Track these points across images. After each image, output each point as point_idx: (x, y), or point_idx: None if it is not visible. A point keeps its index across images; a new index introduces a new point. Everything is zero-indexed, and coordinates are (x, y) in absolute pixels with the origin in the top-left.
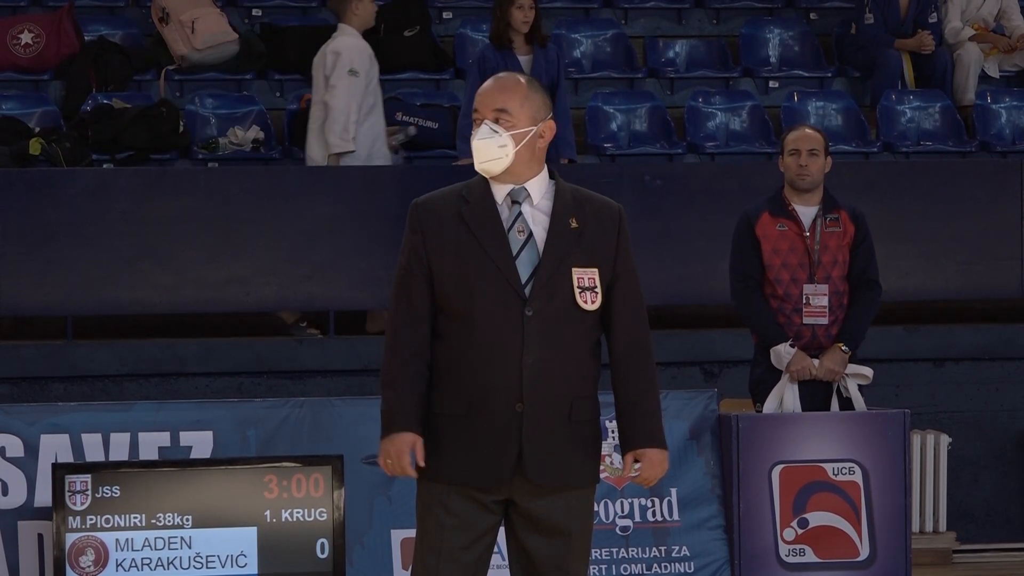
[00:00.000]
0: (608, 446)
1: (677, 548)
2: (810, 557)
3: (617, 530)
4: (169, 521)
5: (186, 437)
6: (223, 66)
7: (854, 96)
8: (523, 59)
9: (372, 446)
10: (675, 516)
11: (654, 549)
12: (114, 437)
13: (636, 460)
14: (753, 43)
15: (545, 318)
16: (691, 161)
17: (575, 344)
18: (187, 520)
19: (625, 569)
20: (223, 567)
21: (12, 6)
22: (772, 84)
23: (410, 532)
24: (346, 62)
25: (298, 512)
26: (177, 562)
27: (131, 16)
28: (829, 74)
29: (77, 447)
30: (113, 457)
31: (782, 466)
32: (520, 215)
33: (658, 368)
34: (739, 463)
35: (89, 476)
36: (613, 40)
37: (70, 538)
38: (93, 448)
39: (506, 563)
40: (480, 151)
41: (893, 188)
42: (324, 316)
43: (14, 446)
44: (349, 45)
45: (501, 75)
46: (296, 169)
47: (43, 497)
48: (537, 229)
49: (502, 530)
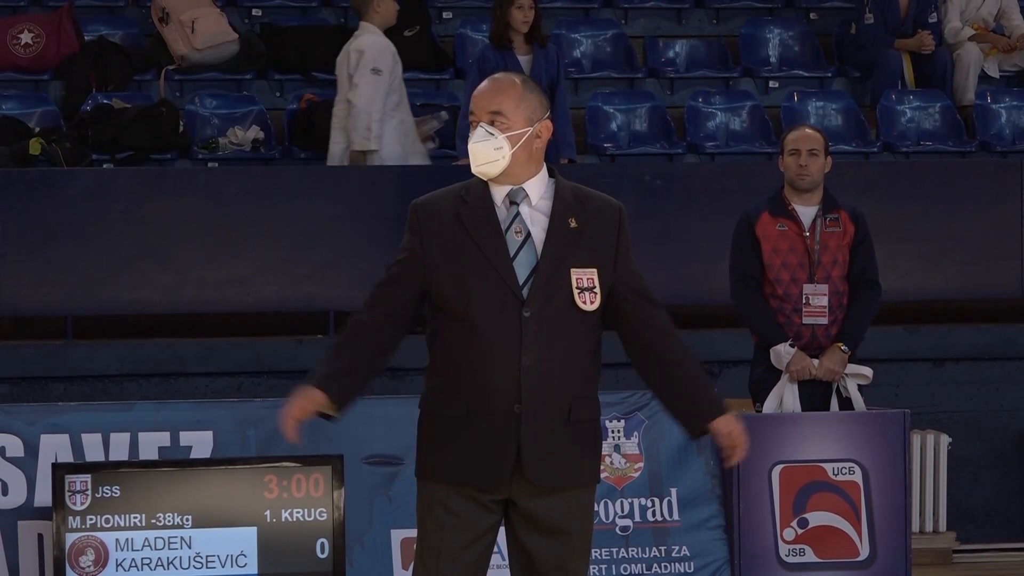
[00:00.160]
0: (608, 446)
1: (677, 548)
2: (810, 557)
3: (617, 530)
4: (169, 521)
5: (186, 437)
6: (223, 66)
7: (854, 96)
8: (523, 59)
9: (372, 446)
10: (675, 516)
11: (654, 549)
12: (114, 437)
13: (708, 432)
14: (753, 43)
15: (543, 319)
16: (691, 161)
17: (574, 345)
18: (187, 520)
19: (625, 569)
20: (223, 567)
21: (12, 6)
22: (772, 84)
23: (410, 532)
24: (369, 60)
25: (298, 512)
26: (177, 562)
27: (131, 16)
28: (829, 74)
29: (77, 447)
30: (113, 457)
31: (782, 466)
32: (518, 215)
33: None
34: (739, 463)
35: (89, 476)
36: (613, 40)
37: (70, 538)
38: (93, 448)
39: (506, 563)
40: (476, 154)
41: (893, 188)
42: (324, 316)
43: (14, 446)
44: (372, 43)
45: (496, 76)
46: (296, 169)
47: (43, 497)
48: (536, 229)
49: (502, 530)
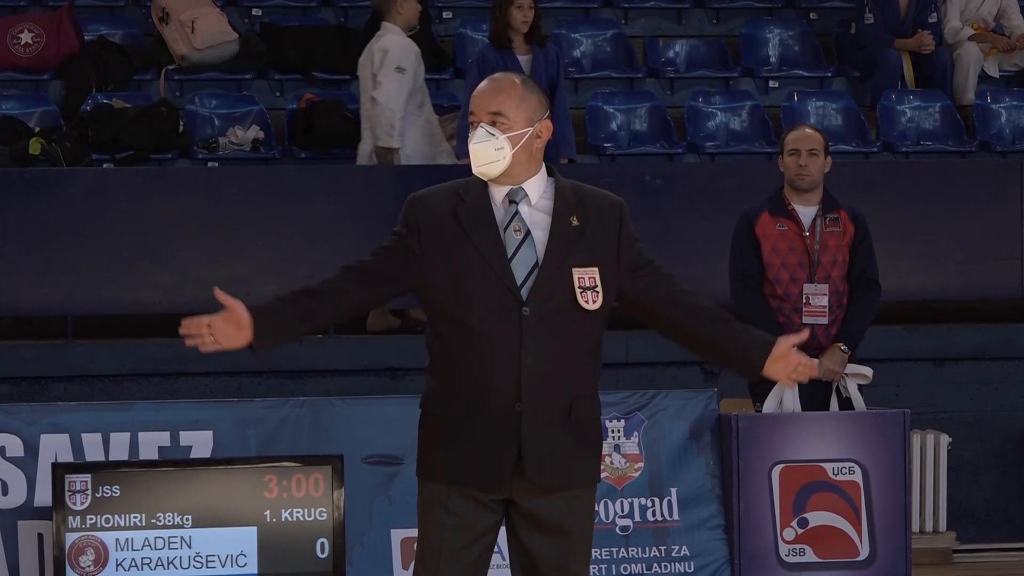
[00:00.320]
0: (608, 446)
1: (677, 548)
2: (810, 557)
3: (617, 530)
4: (169, 521)
5: (186, 437)
6: (223, 66)
7: (854, 96)
8: (523, 59)
9: (372, 446)
10: (675, 516)
11: (654, 549)
12: (114, 437)
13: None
14: (753, 43)
15: (543, 318)
16: (691, 161)
17: (575, 344)
18: (187, 520)
19: (625, 569)
20: (223, 567)
21: (12, 6)
22: (772, 84)
23: (410, 532)
24: (394, 59)
25: (298, 512)
26: (177, 562)
27: (131, 16)
28: (829, 74)
29: (77, 447)
30: (113, 457)
31: (782, 466)
32: (517, 214)
33: (658, 368)
34: (739, 463)
35: (89, 476)
36: (613, 40)
37: (70, 538)
38: (93, 448)
39: (506, 563)
40: (477, 154)
41: (893, 188)
42: None
43: (14, 446)
44: (396, 43)
45: (496, 76)
46: (296, 169)
47: (43, 497)
48: (535, 228)
49: (502, 530)
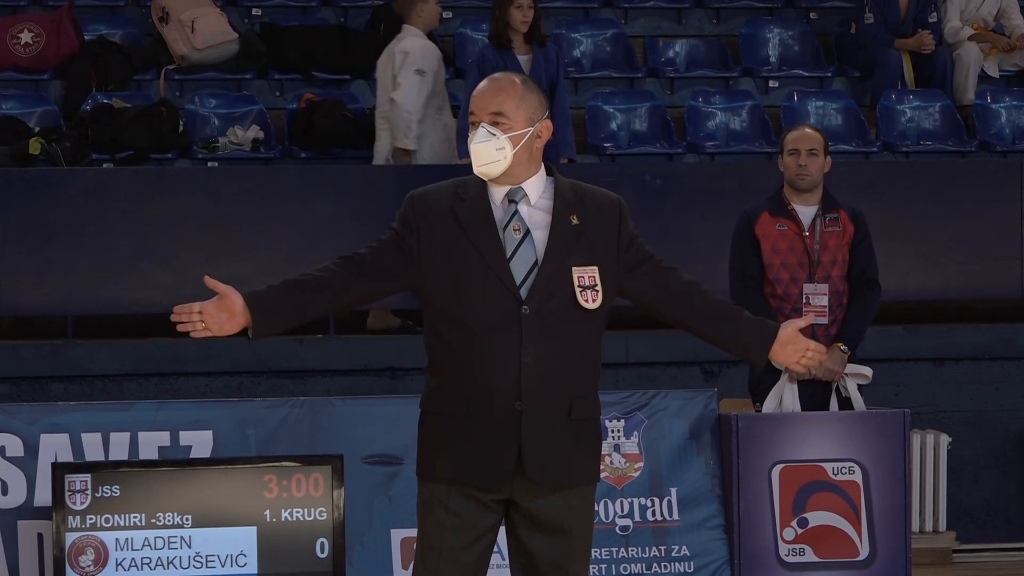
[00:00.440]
0: (608, 446)
1: (677, 548)
2: (810, 557)
3: (617, 530)
4: (169, 521)
5: (186, 437)
6: (223, 66)
7: (854, 96)
8: (522, 59)
9: (372, 446)
10: (675, 516)
11: (654, 549)
12: (114, 437)
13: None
14: (753, 43)
15: (543, 317)
16: (691, 161)
17: (575, 343)
18: (187, 520)
19: (625, 569)
20: (223, 567)
21: (12, 6)
22: (772, 84)
23: (410, 532)
24: (414, 61)
25: (298, 512)
26: (177, 562)
27: (131, 16)
28: (829, 74)
29: (77, 447)
30: (113, 457)
31: (782, 466)
32: (516, 214)
33: (658, 368)
34: (739, 463)
35: (89, 476)
36: (613, 40)
37: (70, 537)
38: (93, 448)
39: (506, 563)
40: (478, 154)
41: (893, 188)
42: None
43: (14, 446)
44: (417, 46)
45: (496, 76)
46: (296, 169)
47: (43, 497)
48: (535, 228)
49: (502, 530)
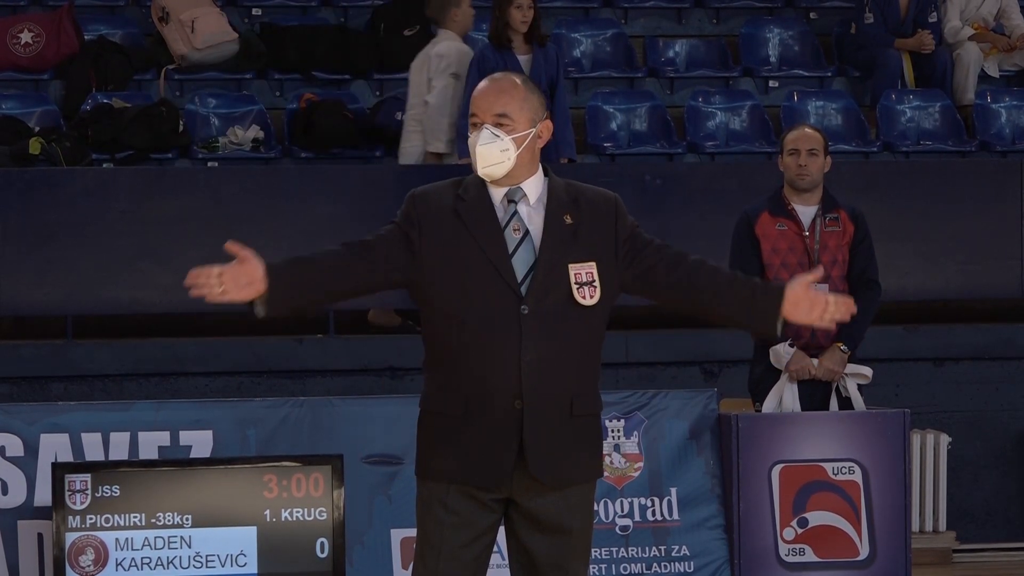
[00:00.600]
0: (608, 446)
1: (677, 548)
2: (810, 557)
3: (617, 530)
4: (169, 521)
5: (186, 437)
6: (223, 66)
7: (854, 96)
8: (522, 59)
9: (372, 446)
10: (675, 516)
11: (654, 549)
12: (114, 437)
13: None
14: (753, 43)
15: (542, 315)
16: (691, 161)
17: (574, 340)
18: (187, 520)
19: (625, 569)
20: (223, 567)
21: (12, 6)
22: (772, 84)
23: (410, 532)
24: (449, 65)
25: (298, 512)
26: (177, 562)
27: (131, 16)
28: (829, 74)
29: (77, 447)
30: (113, 457)
31: (782, 466)
32: (516, 214)
33: (658, 368)
34: (739, 463)
35: (89, 476)
36: (613, 40)
37: (70, 537)
38: (93, 448)
39: (506, 563)
40: (484, 156)
41: (893, 188)
42: (324, 316)
43: (14, 446)
44: (454, 49)
45: (496, 77)
46: (296, 169)
47: (43, 497)
48: (533, 228)
49: (502, 530)
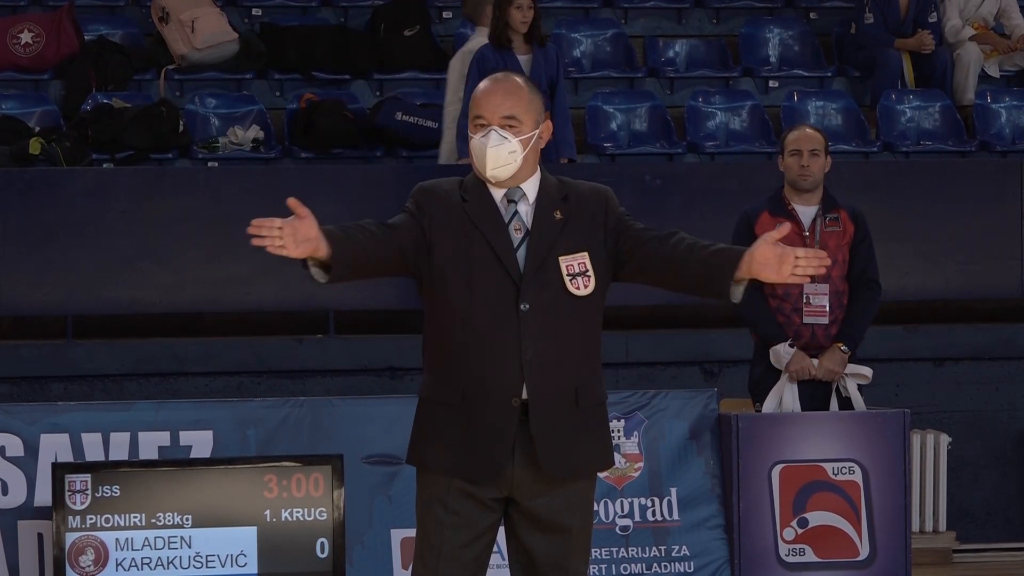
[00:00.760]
0: None
1: (677, 548)
2: (810, 557)
3: (617, 530)
4: (169, 521)
5: (186, 437)
6: (223, 66)
7: (854, 96)
8: (522, 59)
9: (372, 446)
10: (675, 516)
11: (654, 549)
12: (114, 437)
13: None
14: (753, 43)
15: (540, 310)
16: (691, 161)
17: (573, 332)
18: (187, 520)
19: (625, 569)
20: (223, 567)
21: (12, 6)
22: (772, 84)
23: (410, 532)
24: None
25: (298, 512)
26: (177, 562)
27: (131, 16)
28: (829, 74)
29: (77, 447)
30: (113, 457)
31: (782, 466)
32: (516, 213)
33: (658, 368)
34: (739, 463)
35: (89, 476)
36: (613, 40)
37: (70, 538)
38: (93, 448)
39: (506, 563)
40: (494, 158)
41: (893, 188)
42: (324, 316)
43: (14, 446)
44: None
45: (498, 77)
46: (296, 169)
47: (43, 497)
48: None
49: (502, 530)
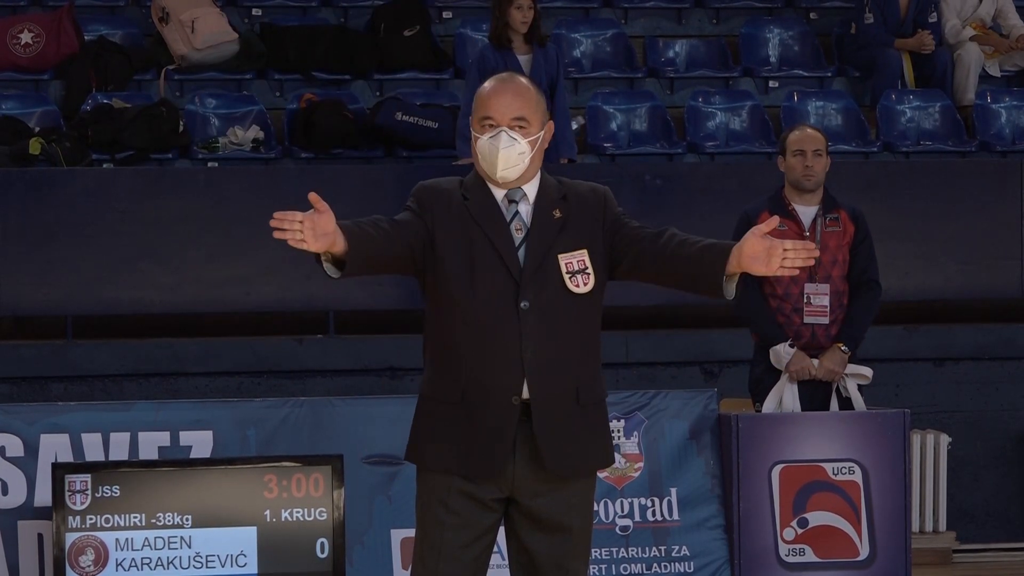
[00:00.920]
0: None
1: (677, 548)
2: (810, 557)
3: (617, 530)
4: (169, 521)
5: (186, 437)
6: (223, 66)
7: (854, 96)
8: (522, 59)
9: (372, 446)
10: (675, 516)
11: (654, 549)
12: (114, 437)
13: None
14: (753, 43)
15: (540, 309)
16: (691, 161)
17: (573, 331)
18: (187, 520)
19: (625, 569)
20: (223, 567)
21: (12, 6)
22: (772, 84)
23: (410, 532)
24: None
25: (298, 512)
26: (177, 562)
27: (131, 16)
28: (829, 74)
29: (77, 447)
30: (113, 457)
31: (782, 466)
32: (517, 213)
33: (658, 368)
34: (739, 463)
35: (89, 476)
36: (613, 40)
37: (70, 538)
38: (93, 448)
39: (506, 563)
40: (505, 159)
41: (893, 188)
42: (324, 316)
43: (14, 446)
44: None
45: (506, 78)
46: (296, 169)
47: (43, 497)
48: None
49: (502, 530)
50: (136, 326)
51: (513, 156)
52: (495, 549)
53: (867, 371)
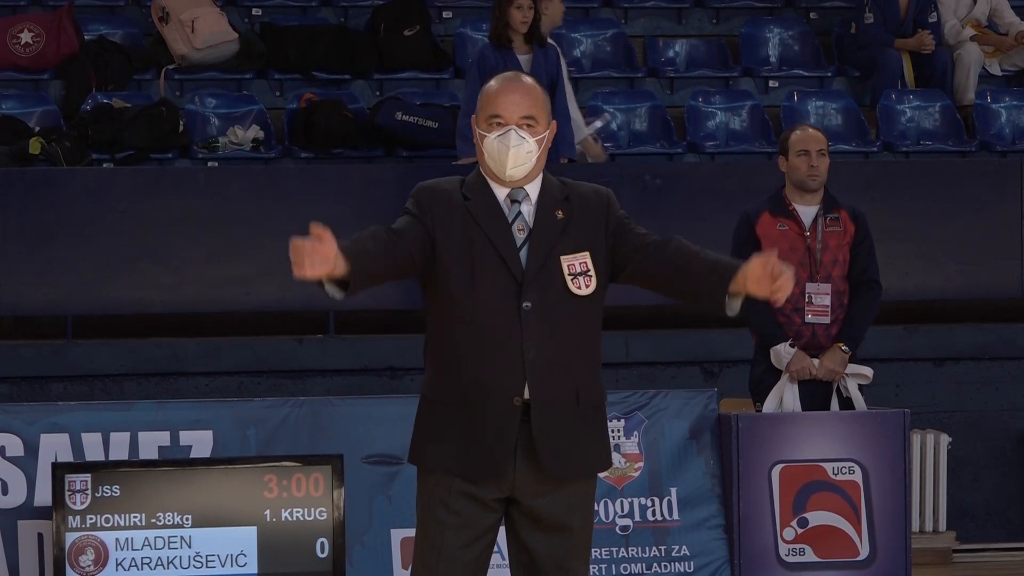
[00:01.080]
0: None
1: (677, 548)
2: (810, 557)
3: (617, 530)
4: (169, 521)
5: (186, 437)
6: (223, 66)
7: (854, 96)
8: (522, 58)
9: (372, 446)
10: (675, 516)
11: (654, 549)
12: (114, 436)
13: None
14: (753, 43)
15: (542, 310)
16: (691, 161)
17: (574, 333)
18: (187, 520)
19: (625, 569)
20: (223, 567)
21: (12, 6)
22: (772, 84)
23: (410, 532)
24: None
25: (298, 512)
26: (177, 562)
27: (131, 16)
28: (829, 74)
29: (77, 447)
30: (113, 457)
31: (782, 466)
32: (520, 214)
33: (658, 368)
34: (739, 463)
35: (89, 475)
36: (613, 40)
37: (70, 537)
38: (93, 448)
39: (506, 563)
40: (515, 157)
41: (893, 188)
42: (324, 316)
43: (14, 446)
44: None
45: (512, 76)
46: (296, 169)
47: (43, 496)
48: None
49: (502, 530)
50: (136, 326)
51: (522, 155)
52: (495, 549)
53: (867, 371)
